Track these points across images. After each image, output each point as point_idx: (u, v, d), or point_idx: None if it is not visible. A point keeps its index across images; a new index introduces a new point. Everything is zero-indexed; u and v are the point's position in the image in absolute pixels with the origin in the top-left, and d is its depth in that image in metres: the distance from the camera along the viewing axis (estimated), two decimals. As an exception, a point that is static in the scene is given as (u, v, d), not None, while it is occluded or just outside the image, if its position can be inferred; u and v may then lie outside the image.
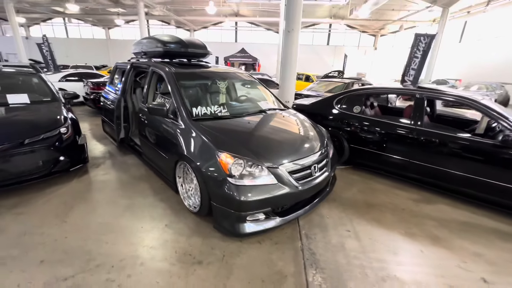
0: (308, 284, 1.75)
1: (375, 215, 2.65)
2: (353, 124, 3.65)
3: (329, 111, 3.94)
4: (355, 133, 3.64)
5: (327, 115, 3.95)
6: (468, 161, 2.79)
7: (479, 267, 1.98)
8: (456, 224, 2.54)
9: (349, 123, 3.69)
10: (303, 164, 2.32)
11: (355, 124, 3.64)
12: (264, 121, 2.84)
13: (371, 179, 3.48)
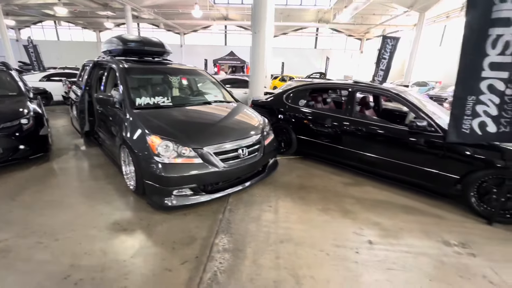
0: (213, 244, 2.02)
1: (302, 194, 2.94)
2: (298, 116, 3.96)
3: (280, 105, 4.25)
4: (300, 125, 3.95)
5: (278, 109, 4.25)
6: (390, 147, 3.11)
7: (371, 233, 2.27)
8: (372, 202, 2.84)
9: (295, 116, 4.01)
10: (229, 147, 2.61)
11: (300, 117, 3.95)
12: (203, 111, 3.15)
13: (313, 167, 3.77)
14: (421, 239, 2.21)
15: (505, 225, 2.44)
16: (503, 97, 2.23)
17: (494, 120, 2.30)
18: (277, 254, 1.94)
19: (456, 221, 2.52)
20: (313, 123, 3.80)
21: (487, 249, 2.11)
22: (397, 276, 1.78)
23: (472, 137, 2.39)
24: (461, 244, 2.17)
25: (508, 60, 2.14)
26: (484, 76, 2.23)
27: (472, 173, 2.57)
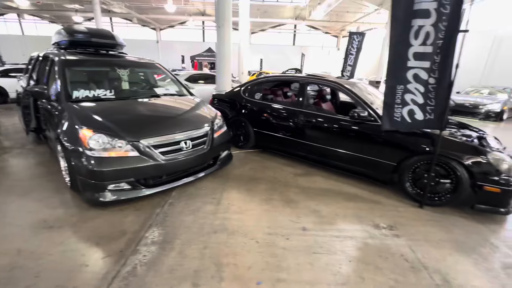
0: (142, 238, 1.98)
1: (250, 186, 2.95)
2: (254, 110, 3.97)
3: (238, 99, 4.23)
4: (256, 119, 3.95)
5: (237, 103, 4.24)
6: (336, 138, 3.20)
7: (307, 220, 2.32)
8: (317, 191, 2.90)
9: (251, 109, 4.01)
10: (170, 139, 2.56)
11: (256, 110, 3.95)
12: (147, 104, 3.07)
13: (269, 160, 3.80)
14: (353, 224, 2.29)
15: (434, 208, 2.58)
16: (427, 86, 2.35)
17: (421, 108, 2.42)
18: (206, 244, 1.93)
19: (391, 205, 2.63)
20: (268, 116, 3.82)
21: (411, 230, 2.23)
22: (319, 259, 1.83)
23: (403, 124, 2.50)
24: (389, 226, 2.27)
25: (429, 50, 2.25)
26: (409, 65, 2.34)
27: (406, 159, 2.69)
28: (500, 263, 1.87)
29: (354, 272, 1.73)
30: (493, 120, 8.23)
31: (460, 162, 2.40)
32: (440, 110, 2.36)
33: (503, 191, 2.28)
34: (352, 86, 3.37)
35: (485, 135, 3.01)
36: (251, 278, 1.65)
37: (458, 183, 2.44)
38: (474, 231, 2.25)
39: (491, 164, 2.31)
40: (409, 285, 1.64)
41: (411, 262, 1.84)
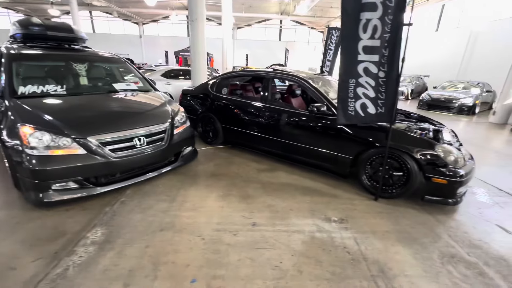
0: (82, 238, 1.91)
1: (210, 182, 2.92)
2: (222, 105, 3.91)
3: (206, 94, 4.16)
4: (224, 114, 3.90)
5: (205, 98, 4.16)
6: (298, 132, 3.20)
7: (260, 215, 2.31)
8: (277, 186, 2.90)
9: (219, 104, 3.95)
10: (121, 136, 2.48)
11: (223, 105, 3.90)
12: (102, 100, 2.96)
13: (237, 155, 3.77)
14: (305, 218, 2.30)
15: (388, 200, 2.63)
16: (377, 80, 2.37)
17: (373, 102, 2.44)
18: (148, 243, 1.89)
19: (347, 199, 2.66)
20: (234, 111, 3.78)
21: (360, 222, 2.26)
22: (262, 255, 1.82)
23: (356, 118, 2.52)
24: (340, 219, 2.29)
25: (377, 44, 2.26)
26: (360, 59, 2.34)
27: (362, 153, 2.72)
28: (439, 253, 1.91)
29: (293, 266, 1.73)
30: (465, 114, 8.50)
31: (410, 155, 2.45)
32: (390, 103, 2.38)
33: (449, 182, 2.33)
34: (314, 80, 3.36)
35: (442, 128, 3.08)
36: (187, 276, 1.62)
37: (409, 175, 2.49)
38: (421, 221, 2.31)
39: (438, 157, 2.36)
40: (345, 277, 1.66)
41: (352, 255, 1.86)
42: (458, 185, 2.34)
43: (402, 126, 2.81)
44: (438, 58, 14.76)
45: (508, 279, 1.69)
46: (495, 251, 1.96)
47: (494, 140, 5.55)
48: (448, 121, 7.41)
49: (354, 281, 1.63)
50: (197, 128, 4.34)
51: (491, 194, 2.90)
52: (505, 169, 3.73)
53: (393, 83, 2.32)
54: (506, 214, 2.49)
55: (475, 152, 4.49)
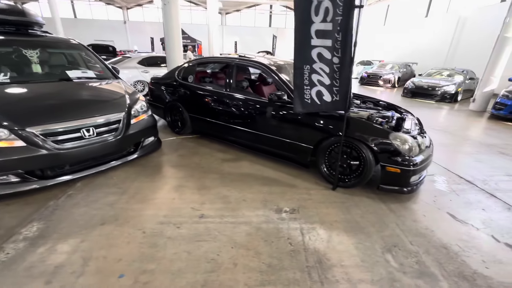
0: (14, 234, 1.83)
1: (168, 173, 2.85)
2: (188, 93, 3.78)
3: (173, 82, 4.01)
4: (190, 102, 3.78)
5: (172, 86, 4.01)
6: (260, 121, 3.11)
7: (211, 207, 2.26)
8: (237, 176, 2.84)
9: (185, 93, 3.81)
10: (67, 127, 2.36)
11: (189, 94, 3.77)
12: (50, 88, 2.81)
13: (204, 145, 3.69)
14: (257, 209, 2.26)
15: (345, 189, 2.61)
16: (332, 66, 2.27)
17: (328, 89, 2.36)
18: (85, 238, 1.82)
19: (305, 188, 2.63)
20: (200, 100, 3.65)
21: (311, 212, 2.23)
22: (200, 248, 1.78)
23: (313, 106, 2.44)
24: (292, 210, 2.26)
25: (329, 28, 2.15)
26: (313, 44, 2.24)
27: (322, 142, 2.67)
28: (382, 242, 1.90)
29: (230, 259, 1.69)
30: (448, 101, 8.52)
31: (365, 144, 2.40)
32: (344, 90, 2.31)
33: (402, 171, 2.31)
34: (282, 68, 3.25)
35: (406, 116, 3.04)
36: (115, 271, 1.57)
37: (364, 164, 2.45)
38: (373, 211, 2.29)
39: (392, 145, 2.32)
40: (280, 269, 1.63)
41: (294, 246, 1.83)
42: (411, 173, 2.32)
43: (364, 114, 2.75)
44: (427, 45, 14.66)
45: (444, 267, 1.69)
46: (438, 239, 1.96)
47: (470, 127, 5.58)
48: (428, 109, 7.42)
49: (288, 272, 1.60)
50: (166, 117, 4.23)
51: (451, 182, 2.91)
52: (473, 157, 3.75)
53: (347, 70, 2.23)
54: (460, 202, 2.50)
55: (447, 140, 4.52)
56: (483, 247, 1.90)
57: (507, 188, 2.81)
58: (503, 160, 3.64)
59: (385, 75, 12.32)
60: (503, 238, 2.00)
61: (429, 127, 5.26)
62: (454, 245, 1.90)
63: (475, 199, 2.55)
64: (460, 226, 2.14)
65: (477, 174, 3.11)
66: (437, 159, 3.52)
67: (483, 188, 2.77)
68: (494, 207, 2.43)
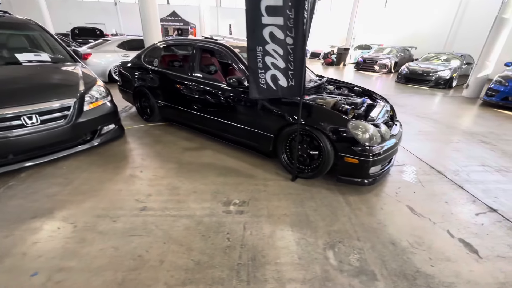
0: None
1: (123, 163, 2.72)
2: (154, 78, 3.57)
3: (140, 66, 3.80)
4: (156, 87, 3.58)
5: (139, 70, 3.80)
6: (221, 107, 2.94)
7: (157, 198, 2.14)
8: (195, 166, 2.71)
9: (151, 78, 3.61)
10: (3, 114, 2.20)
11: (154, 78, 3.56)
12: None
13: (171, 134, 3.53)
14: (205, 201, 2.14)
15: (305, 180, 2.48)
16: (286, 47, 2.07)
17: (283, 73, 2.17)
18: (9, 233, 1.71)
19: (263, 179, 2.50)
20: (165, 85, 3.46)
21: (262, 205, 2.11)
22: (131, 243, 1.67)
23: (269, 92, 2.26)
24: (242, 202, 2.14)
25: (279, 3, 1.93)
26: (264, 22, 2.02)
27: (282, 130, 2.51)
28: (327, 237, 1.79)
29: (158, 256, 1.59)
30: (442, 87, 8.23)
31: (323, 132, 2.24)
32: (298, 74, 2.12)
33: (361, 162, 2.17)
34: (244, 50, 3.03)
35: (378, 104, 2.87)
36: (30, 268, 1.47)
37: (323, 154, 2.31)
38: (329, 203, 2.18)
39: (350, 134, 2.16)
40: (208, 266, 1.53)
41: (232, 241, 1.73)
42: (371, 164, 2.17)
43: (331, 100, 2.57)
44: (427, 29, 14.05)
45: (385, 265, 1.59)
46: (389, 234, 1.85)
47: (458, 115, 5.36)
48: (419, 95, 7.16)
49: (215, 271, 1.50)
50: (136, 103, 4.05)
51: (420, 172, 2.77)
52: (451, 145, 3.59)
53: (300, 51, 2.03)
54: (423, 194, 2.38)
55: (430, 127, 4.33)
56: (435, 243, 1.79)
57: (479, 179, 2.68)
58: (482, 149, 3.48)
59: (381, 60, 11.89)
60: (458, 233, 1.89)
61: (414, 114, 5.09)
62: (404, 241, 1.80)
63: (441, 191, 2.42)
64: (416, 220, 2.02)
65: (450, 164, 2.97)
66: (413, 148, 3.38)
67: (453, 179, 2.64)
68: (458, 200, 2.30)
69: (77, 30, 12.58)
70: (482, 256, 1.69)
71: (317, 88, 3.17)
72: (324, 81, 3.37)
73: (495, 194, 2.42)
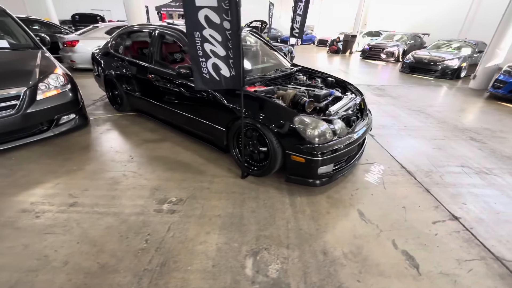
0: None
1: (74, 155, 2.64)
2: (119, 66, 3.44)
3: (108, 53, 3.67)
4: (121, 76, 3.45)
5: (107, 58, 3.68)
6: (175, 98, 2.80)
7: (92, 194, 2.06)
8: (147, 159, 2.61)
9: (116, 66, 3.48)
10: None
11: (119, 66, 3.43)
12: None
13: (137, 124, 3.43)
14: (140, 198, 2.03)
15: (257, 178, 2.33)
16: (224, 33, 1.86)
17: (225, 62, 1.97)
18: None
19: (212, 176, 2.36)
20: (128, 73, 3.31)
21: (198, 204, 1.98)
22: (44, 241, 1.60)
23: (213, 82, 2.08)
24: (179, 200, 2.02)
25: (210, -19, 1.72)
26: (198, 4, 1.81)
27: (232, 124, 2.34)
28: (254, 244, 1.65)
29: (65, 256, 1.51)
30: (449, 78, 7.64)
31: (268, 127, 2.05)
32: (237, 63, 1.92)
33: (307, 161, 1.98)
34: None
35: (345, 96, 2.62)
36: None
37: (269, 151, 2.13)
38: (271, 205, 2.02)
39: (296, 130, 1.96)
40: (112, 270, 1.43)
41: (149, 244, 1.62)
42: (319, 164, 1.98)
43: (291, 92, 2.35)
44: (442, 14, 13.04)
45: (306, 278, 1.43)
46: (324, 242, 1.68)
47: (456, 109, 4.93)
48: (421, 86, 6.68)
49: (117, 276, 1.41)
50: (107, 92, 3.96)
51: (388, 172, 2.54)
52: (435, 142, 3.28)
53: (236, 37, 1.82)
54: (382, 197, 2.16)
55: (418, 122, 3.99)
56: (373, 254, 1.61)
57: (452, 182, 2.42)
58: (469, 147, 3.17)
59: (388, 47, 11.20)
60: (405, 244, 1.70)
61: (405, 107, 4.74)
62: (338, 250, 1.63)
63: (402, 195, 2.21)
64: (362, 226, 1.84)
65: (425, 164, 2.71)
66: (389, 144, 3.13)
67: (421, 182, 2.40)
68: (418, 205, 2.08)
69: (78, 16, 12.56)
70: (421, 273, 1.50)
71: (285, 77, 2.96)
72: (295, 70, 3.13)
73: (464, 199, 2.17)
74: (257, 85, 2.52)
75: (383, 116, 4.16)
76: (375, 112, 4.35)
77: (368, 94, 5.55)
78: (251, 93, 2.21)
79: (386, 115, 4.24)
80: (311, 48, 17.65)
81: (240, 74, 1.95)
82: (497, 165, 2.76)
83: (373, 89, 6.02)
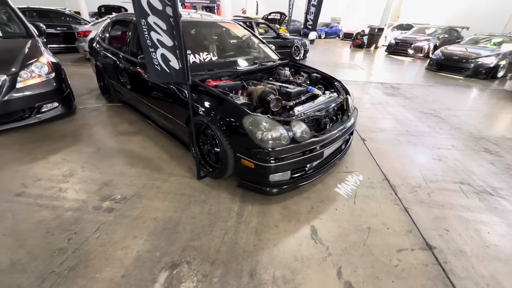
0: None
1: (47, 143, 2.67)
2: (104, 57, 3.42)
3: (98, 43, 3.68)
4: (107, 67, 3.44)
5: (96, 49, 3.69)
6: (146, 90, 2.69)
7: (44, 184, 2.04)
8: (112, 152, 2.55)
9: (103, 56, 3.47)
10: None
11: (105, 57, 3.41)
12: None
13: (120, 115, 3.43)
14: (86, 193, 1.97)
15: (214, 181, 2.16)
16: (168, 20, 1.69)
17: (173, 53, 1.80)
18: None
19: (168, 174, 2.24)
20: (110, 63, 3.28)
21: (140, 204, 1.86)
22: (-26, 230, 1.60)
23: (165, 75, 1.93)
24: (122, 198, 1.92)
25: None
26: (139, -13, 1.66)
27: (189, 120, 2.18)
28: (177, 254, 1.50)
29: (-17, 249, 1.49)
30: (483, 77, 6.72)
31: (218, 126, 1.86)
32: (181, 54, 1.74)
33: (256, 167, 1.76)
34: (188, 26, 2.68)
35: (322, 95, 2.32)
36: None
37: (220, 152, 1.94)
38: (216, 212, 1.84)
39: (246, 131, 1.74)
40: (20, 270, 1.36)
41: (69, 243, 1.53)
42: (271, 170, 1.75)
43: (258, 88, 2.13)
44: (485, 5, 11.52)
45: (219, 303, 1.26)
46: (256, 261, 1.47)
47: (479, 114, 4.26)
48: (445, 86, 5.93)
49: (21, 276, 1.33)
50: (99, 82, 4.01)
51: (365, 184, 2.22)
52: (438, 152, 2.83)
53: (177, 25, 1.64)
54: (346, 214, 1.87)
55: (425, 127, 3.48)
56: (309, 282, 1.37)
57: (440, 201, 2.04)
58: (479, 160, 2.68)
59: (417, 42, 10.18)
60: (352, 274, 1.43)
61: (417, 109, 4.23)
62: (269, 272, 1.42)
63: (372, 212, 1.89)
64: (309, 247, 1.59)
65: (414, 177, 2.33)
66: (380, 151, 2.76)
67: (401, 198, 2.05)
68: (387, 227, 1.77)
69: (103, 8, 13.09)
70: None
71: (265, 72, 2.73)
72: (278, 64, 2.87)
73: (448, 225, 1.81)
74: (223, 80, 2.33)
75: (385, 118, 3.72)
76: (377, 113, 3.92)
77: (378, 92, 5.04)
78: (205, 87, 2.03)
79: (390, 117, 3.79)
80: (335, 42, 16.73)
81: (183, 66, 1.77)
82: (508, 185, 2.29)
83: (385, 88, 5.46)
